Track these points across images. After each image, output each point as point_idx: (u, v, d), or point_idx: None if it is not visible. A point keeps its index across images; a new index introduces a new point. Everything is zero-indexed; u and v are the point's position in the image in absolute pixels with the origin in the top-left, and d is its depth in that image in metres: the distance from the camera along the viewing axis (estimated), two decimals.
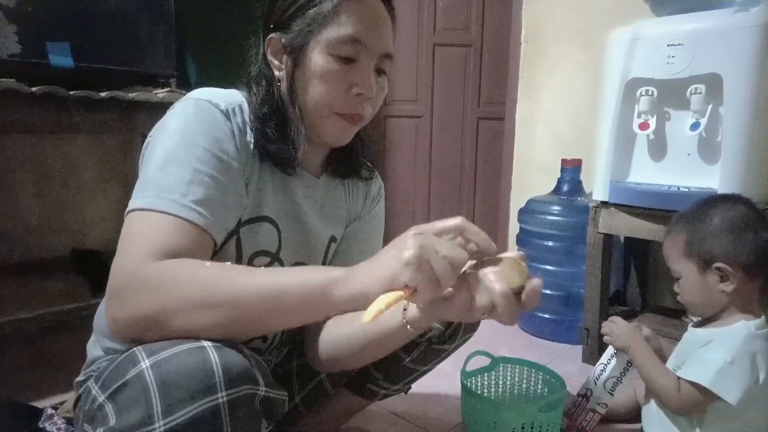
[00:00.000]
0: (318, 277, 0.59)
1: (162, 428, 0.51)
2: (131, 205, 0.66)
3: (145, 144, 0.74)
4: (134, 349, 0.57)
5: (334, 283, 0.58)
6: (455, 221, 0.60)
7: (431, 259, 0.54)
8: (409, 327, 0.70)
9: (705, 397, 0.95)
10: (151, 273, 0.59)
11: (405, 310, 0.70)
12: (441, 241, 0.57)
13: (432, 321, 0.69)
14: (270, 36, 0.78)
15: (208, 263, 0.62)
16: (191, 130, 0.70)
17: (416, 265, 0.54)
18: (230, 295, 0.58)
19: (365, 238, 0.97)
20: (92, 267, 1.85)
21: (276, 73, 0.79)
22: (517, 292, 0.57)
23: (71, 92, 1.21)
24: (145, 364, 0.54)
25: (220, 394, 0.53)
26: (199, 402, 0.52)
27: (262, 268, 0.63)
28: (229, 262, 0.73)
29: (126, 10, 1.35)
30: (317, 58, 0.74)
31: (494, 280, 0.57)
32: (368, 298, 0.56)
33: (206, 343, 0.56)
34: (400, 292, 0.55)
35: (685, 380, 0.97)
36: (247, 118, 0.76)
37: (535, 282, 0.58)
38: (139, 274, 0.59)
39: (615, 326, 1.13)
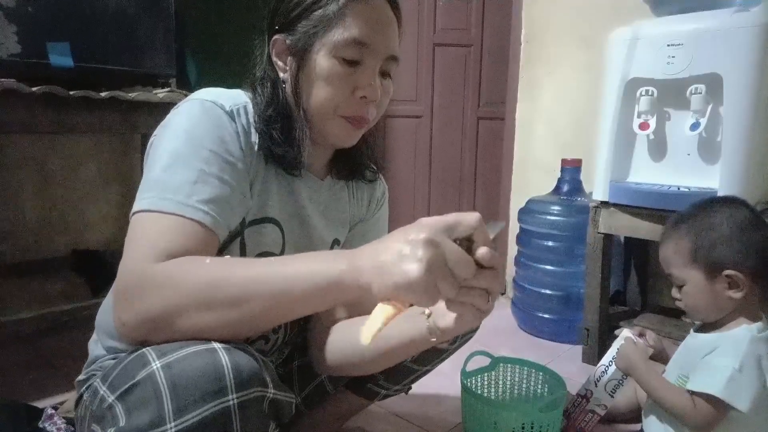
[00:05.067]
0: (324, 268, 0.57)
1: (173, 429, 0.52)
2: (136, 206, 0.66)
3: (149, 144, 0.74)
4: (144, 349, 0.57)
5: (340, 274, 0.56)
6: (472, 222, 0.54)
7: (439, 279, 0.51)
8: (433, 339, 0.70)
9: (719, 408, 0.93)
10: (156, 273, 0.59)
11: (428, 326, 0.70)
12: (452, 251, 0.52)
13: (458, 333, 0.71)
14: (275, 37, 0.78)
15: (208, 260, 0.61)
16: (197, 131, 0.69)
17: (423, 288, 0.51)
18: (236, 294, 0.58)
19: (369, 241, 0.96)
20: (92, 267, 1.85)
21: (281, 74, 0.79)
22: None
23: (71, 92, 1.21)
24: (156, 365, 0.54)
25: (230, 396, 0.54)
26: (210, 404, 0.53)
27: (266, 258, 0.62)
28: (230, 257, 0.73)
29: (126, 9, 1.35)
30: (322, 61, 0.74)
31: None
32: (373, 294, 0.55)
33: (216, 345, 0.56)
34: (398, 306, 0.54)
35: (698, 395, 0.95)
36: (251, 119, 0.76)
37: (483, 250, 0.54)
38: (145, 275, 0.59)
39: (622, 346, 1.11)
